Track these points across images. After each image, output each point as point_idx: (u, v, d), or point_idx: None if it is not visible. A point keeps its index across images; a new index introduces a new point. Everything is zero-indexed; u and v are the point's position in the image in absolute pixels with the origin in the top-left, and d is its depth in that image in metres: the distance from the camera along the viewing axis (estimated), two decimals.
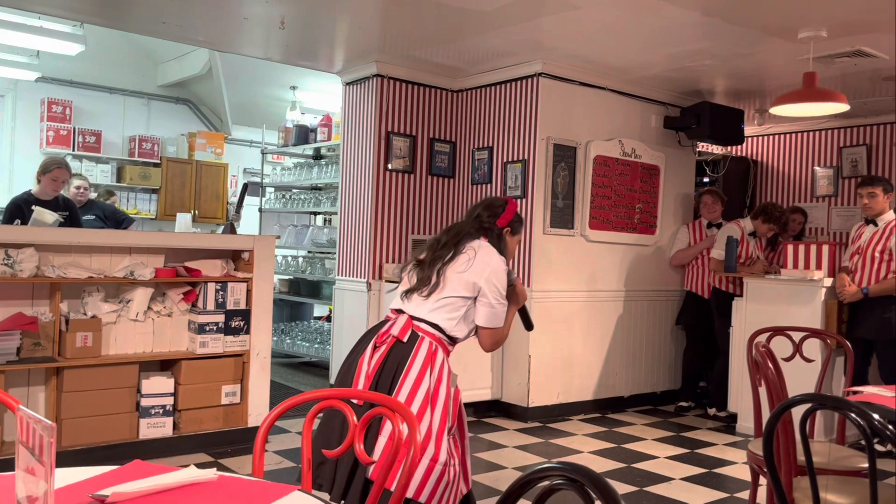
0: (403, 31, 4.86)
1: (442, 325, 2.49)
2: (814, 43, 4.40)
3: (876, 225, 4.74)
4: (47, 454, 0.88)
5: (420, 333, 2.47)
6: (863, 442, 4.29)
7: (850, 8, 4.01)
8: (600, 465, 4.28)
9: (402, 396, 2.37)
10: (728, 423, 5.39)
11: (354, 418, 1.67)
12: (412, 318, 2.50)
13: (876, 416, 1.71)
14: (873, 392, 2.49)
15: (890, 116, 6.47)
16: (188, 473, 1.31)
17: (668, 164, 6.10)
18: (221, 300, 4.22)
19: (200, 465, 4.13)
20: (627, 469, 4.25)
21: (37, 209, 4.30)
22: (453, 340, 2.55)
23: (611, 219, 5.76)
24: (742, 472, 4.23)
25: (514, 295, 2.62)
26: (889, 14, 4.06)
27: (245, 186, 4.50)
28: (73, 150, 7.76)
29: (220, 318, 4.20)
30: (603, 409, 5.71)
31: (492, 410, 5.44)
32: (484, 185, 5.74)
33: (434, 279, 2.51)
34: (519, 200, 5.43)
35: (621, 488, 3.87)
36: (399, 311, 2.56)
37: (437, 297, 2.50)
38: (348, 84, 5.86)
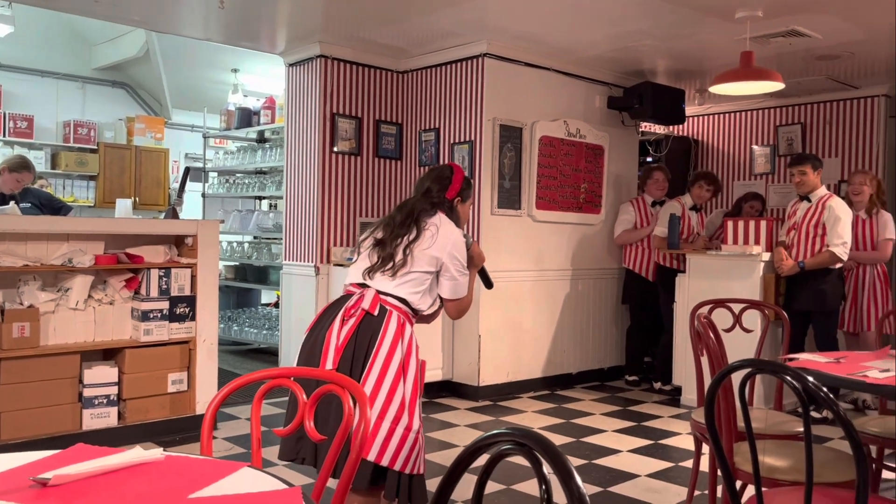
0: (347, 11, 4.80)
1: (408, 299, 2.56)
2: (750, 23, 4.51)
3: (809, 201, 4.90)
4: None
5: (388, 307, 2.52)
6: (800, 409, 4.44)
7: None
8: (551, 440, 4.34)
9: (376, 369, 2.43)
10: (673, 396, 5.54)
11: (304, 396, 1.66)
12: (379, 292, 2.54)
13: (810, 379, 1.78)
14: (808, 359, 2.59)
15: (823, 95, 6.68)
16: (133, 454, 1.29)
17: (612, 143, 6.19)
18: (165, 287, 4.13)
19: None
20: (577, 443, 4.33)
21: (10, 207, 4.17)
22: (416, 312, 2.62)
23: (557, 199, 5.82)
24: (686, 442, 4.36)
25: (472, 258, 2.71)
26: None
27: (187, 170, 4.40)
28: (4, 135, 7.46)
29: (165, 305, 4.12)
30: (552, 386, 5.81)
31: (443, 391, 5.47)
32: (431, 167, 5.73)
33: (400, 257, 2.56)
34: None
35: (571, 461, 3.94)
36: (361, 286, 2.60)
37: (403, 273, 2.55)
38: (292, 65, 5.77)
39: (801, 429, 2.90)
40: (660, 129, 7.28)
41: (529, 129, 5.61)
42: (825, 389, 1.74)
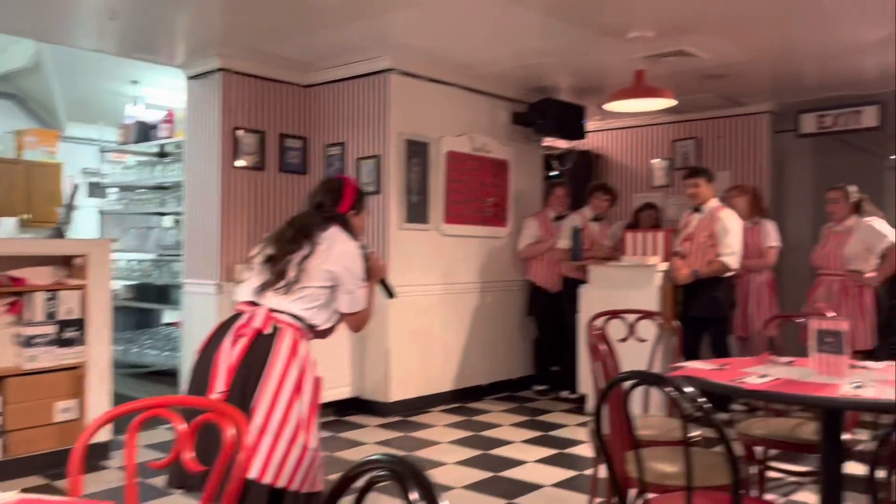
0: (247, 23, 4.71)
1: (302, 315, 2.51)
2: (642, 43, 4.70)
3: (702, 212, 5.13)
4: None
5: (281, 325, 2.47)
6: (697, 413, 4.61)
7: (673, 11, 4.30)
8: (457, 455, 4.37)
9: (269, 389, 2.39)
10: (579, 405, 5.66)
11: (182, 426, 1.60)
12: (271, 310, 2.49)
13: (688, 391, 1.86)
14: (694, 366, 2.69)
15: (714, 112, 7.02)
16: None
17: (517, 158, 6.31)
18: (52, 310, 3.92)
19: (34, 489, 3.83)
20: (484, 456, 4.36)
21: None
22: (312, 328, 2.57)
23: (464, 213, 5.87)
24: (590, 450, 4.45)
25: (371, 269, 2.70)
26: (708, 17, 4.40)
27: (75, 187, 4.19)
28: None
29: (51, 330, 3.91)
30: (462, 399, 5.83)
31: (351, 408, 5.41)
32: None
33: (293, 273, 2.51)
34: (374, 196, 5.43)
35: (477, 475, 3.97)
36: (252, 304, 2.54)
37: (296, 289, 2.50)
38: (191, 78, 5.61)
39: (692, 434, 3.02)
40: (563, 144, 7.46)
41: (436, 144, 5.64)
42: (701, 400, 1.81)
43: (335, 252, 2.55)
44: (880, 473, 3.13)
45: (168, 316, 7.46)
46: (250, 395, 2.39)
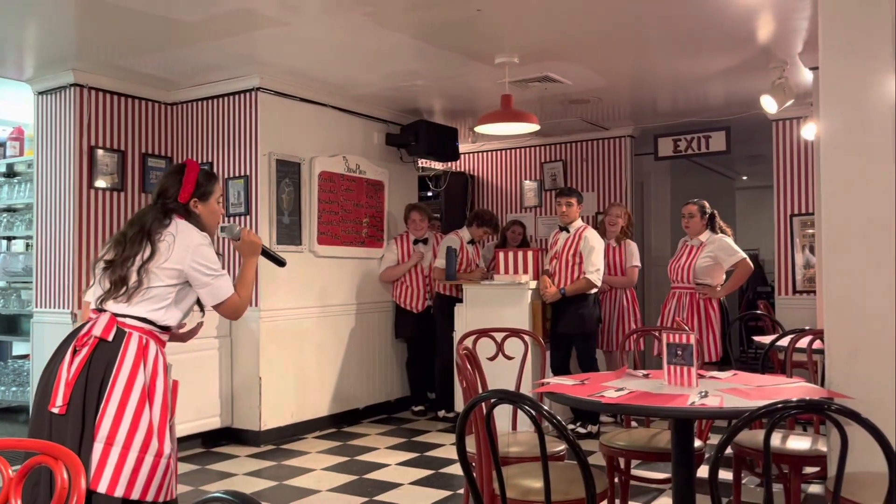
0: (103, 38, 4.48)
1: (150, 318, 2.40)
2: (508, 68, 4.84)
3: (569, 231, 5.33)
4: None
5: (126, 329, 2.36)
6: (570, 426, 4.72)
7: (536, 37, 4.47)
8: (333, 480, 4.28)
9: (115, 397, 2.27)
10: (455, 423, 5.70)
11: (10, 472, 1.47)
12: (115, 315, 2.36)
13: (545, 409, 1.91)
14: (558, 382, 2.77)
15: (580, 135, 7.34)
16: None
17: (392, 179, 6.32)
18: None
19: None
20: (359, 481, 4.30)
21: None
22: (166, 329, 2.45)
23: (339, 234, 5.82)
24: None
25: (246, 247, 2.61)
26: (569, 44, 4.61)
27: None
28: None
29: None
30: (339, 423, 5.74)
31: (222, 439, 5.19)
32: None
33: (134, 279, 2.38)
34: (243, 217, 5.27)
35: (352, 500, 3.91)
36: (99, 311, 2.40)
37: (141, 292, 2.38)
38: (41, 94, 5.27)
39: (557, 449, 3.10)
40: (438, 165, 7.57)
41: (308, 165, 5.57)
42: (557, 419, 1.86)
43: (177, 248, 2.41)
44: (728, 475, 3.34)
45: (17, 348, 6.90)
46: (93, 406, 2.26)
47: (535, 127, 5.00)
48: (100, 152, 5.16)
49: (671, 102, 6.27)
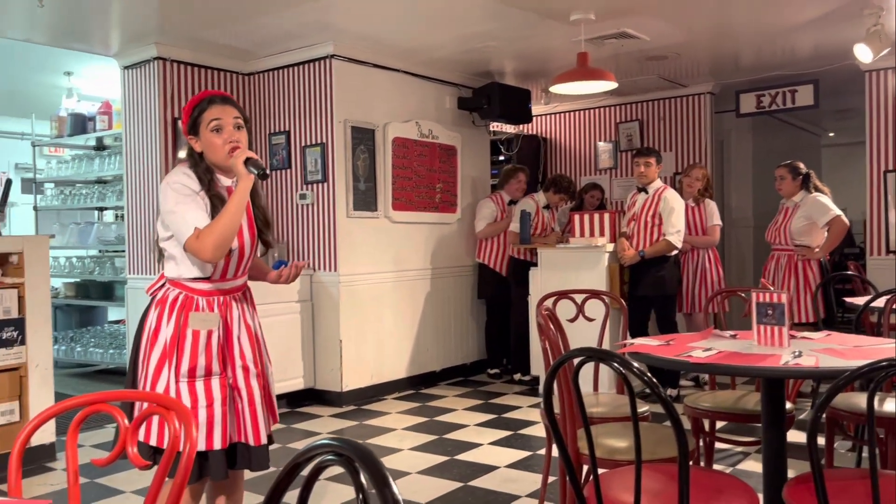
0: (184, 10, 4.58)
1: (172, 276, 2.32)
2: (584, 25, 4.73)
3: (647, 192, 5.21)
4: None
5: (165, 285, 2.33)
6: (647, 390, 4.67)
7: None
8: (413, 440, 4.37)
9: (142, 350, 2.29)
10: (532, 386, 5.72)
11: (126, 421, 1.56)
12: (165, 276, 2.37)
13: (635, 365, 1.89)
14: (642, 343, 2.74)
15: (657, 93, 7.12)
16: None
17: (464, 143, 6.31)
18: None
19: None
20: (439, 440, 4.37)
21: None
22: (196, 280, 2.30)
23: (413, 199, 5.85)
24: (544, 430, 4.51)
25: (236, 168, 2.25)
26: None
27: (8, 182, 4.03)
28: None
29: None
30: (416, 386, 5.84)
31: (306, 399, 5.36)
32: (283, 171, 5.60)
33: (155, 236, 2.39)
34: (320, 185, 5.37)
35: (433, 459, 3.98)
36: None
37: (161, 248, 2.35)
38: (127, 68, 5.45)
39: (641, 409, 3.08)
40: (510, 129, 7.50)
41: (382, 131, 5.60)
42: (648, 375, 1.84)
43: (160, 195, 2.31)
44: (820, 440, 3.25)
45: (113, 313, 7.27)
46: (134, 358, 2.33)
47: (612, 85, 4.88)
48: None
49: (755, 56, 6.01)
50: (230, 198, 2.23)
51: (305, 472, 1.12)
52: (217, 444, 2.26)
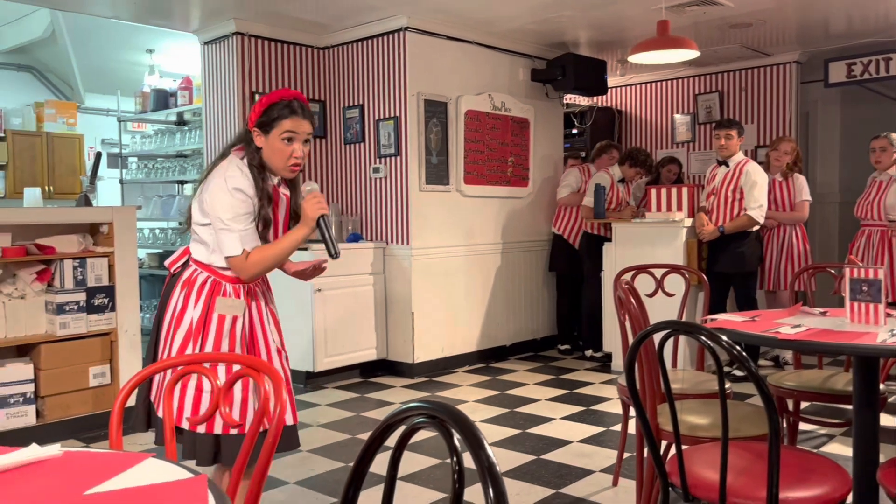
0: None
1: (198, 258, 2.31)
2: None
3: (728, 166, 5.04)
4: None
5: (191, 265, 2.32)
6: (725, 369, 4.58)
7: None
8: (485, 413, 4.39)
9: (163, 328, 2.29)
10: (604, 363, 5.66)
11: (218, 382, 1.61)
12: (190, 250, 2.36)
13: (724, 338, 1.83)
14: (725, 318, 2.66)
15: (738, 63, 6.86)
16: (28, 452, 1.22)
17: (537, 116, 6.22)
18: (81, 277, 3.96)
19: None
20: (511, 413, 4.38)
21: None
22: (223, 269, 2.28)
23: (485, 173, 5.83)
24: (617, 406, 4.46)
25: (306, 209, 2.23)
26: None
27: (98, 155, 4.20)
28: None
29: (81, 297, 3.95)
30: (486, 359, 5.85)
31: (378, 370, 5.45)
32: (357, 145, 5.65)
33: (188, 212, 2.34)
34: (393, 158, 5.39)
35: (505, 432, 3.99)
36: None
37: (192, 231, 2.33)
38: (207, 44, 5.57)
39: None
40: (584, 101, 7.36)
41: (454, 104, 5.58)
42: (738, 348, 1.78)
43: (208, 183, 2.25)
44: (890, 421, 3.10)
45: None
46: (156, 332, 2.33)
47: (694, 54, 4.72)
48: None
49: (846, 21, 5.70)
50: (288, 235, 2.27)
51: (397, 433, 1.13)
52: (234, 429, 2.17)
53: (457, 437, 1.05)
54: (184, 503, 1.01)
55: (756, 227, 4.98)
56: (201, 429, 2.14)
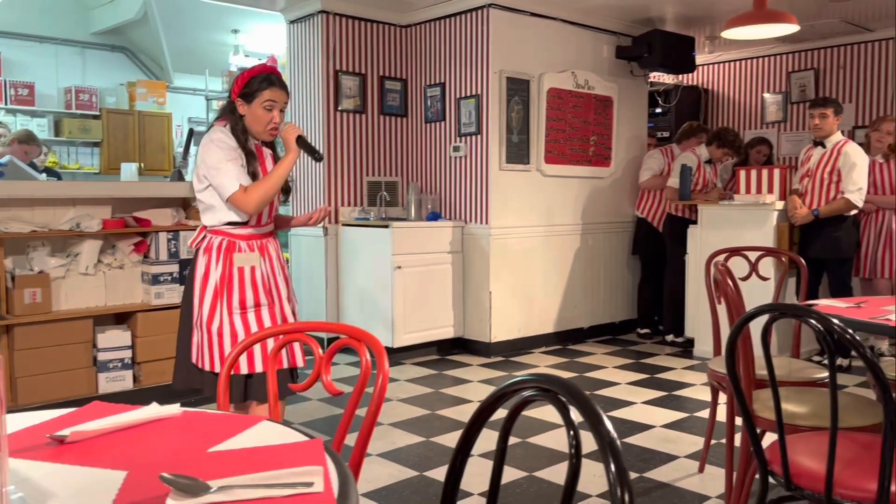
0: None
1: (209, 223, 2.60)
2: None
3: (824, 147, 4.81)
4: None
5: (206, 234, 2.62)
6: (814, 358, 4.43)
7: None
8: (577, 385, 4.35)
9: (196, 293, 2.58)
10: (685, 348, 5.53)
11: (320, 351, 1.64)
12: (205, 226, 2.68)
13: (836, 322, 1.75)
14: (828, 304, 2.55)
15: (837, 39, 6.52)
16: (150, 410, 1.27)
17: (621, 95, 6.08)
18: (174, 249, 4.11)
19: None
20: (590, 395, 4.32)
21: None
22: (240, 224, 2.58)
23: (566, 152, 5.74)
24: (700, 392, 4.36)
25: (286, 139, 2.56)
26: None
27: (191, 132, 4.34)
28: (6, 103, 7.38)
29: (175, 268, 4.10)
30: (563, 341, 5.80)
31: (455, 348, 5.47)
32: (438, 123, 5.65)
33: (192, 190, 2.69)
34: (474, 137, 5.37)
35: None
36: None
37: (198, 199, 2.62)
38: (292, 22, 5.66)
39: (820, 375, 2.88)
40: (669, 79, 7.15)
41: (537, 82, 5.50)
42: (851, 331, 1.70)
43: (200, 152, 2.57)
44: None
45: None
46: (189, 301, 2.62)
47: (793, 28, 4.51)
48: (343, 76, 5.47)
49: None
50: (278, 164, 2.57)
51: (508, 404, 1.13)
52: (259, 368, 2.54)
53: (573, 412, 1.04)
54: (303, 463, 1.02)
55: (854, 212, 4.75)
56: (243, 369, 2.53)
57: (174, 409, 1.27)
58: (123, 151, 8.17)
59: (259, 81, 2.52)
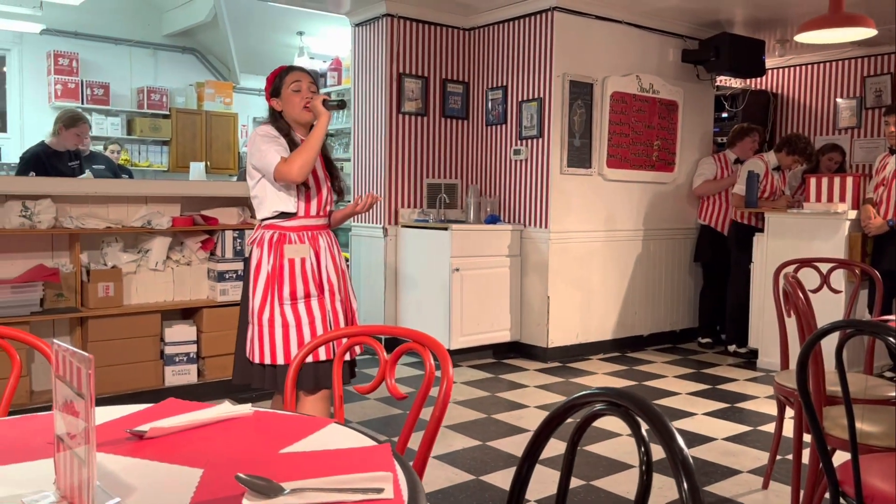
0: None
1: (262, 217, 2.72)
2: None
3: None
4: (86, 386, 0.86)
5: (258, 231, 2.73)
6: (887, 374, 4.25)
7: None
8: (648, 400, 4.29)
9: (250, 287, 2.69)
10: (748, 359, 5.39)
11: (385, 354, 1.66)
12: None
13: None
14: None
15: None
16: (224, 409, 1.30)
17: (686, 99, 5.97)
18: (239, 248, 4.21)
19: None
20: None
21: None
22: (286, 216, 2.68)
23: (629, 157, 5.66)
24: (764, 406, 4.24)
25: (315, 109, 2.65)
26: None
27: None
28: (82, 103, 7.69)
29: (239, 266, 4.20)
30: (622, 348, 5.72)
31: (511, 352, 5.46)
32: (498, 126, 5.64)
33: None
34: (535, 140, 5.35)
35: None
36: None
37: (251, 196, 2.74)
38: (357, 25, 5.73)
39: (892, 394, 2.77)
40: (736, 84, 6.98)
41: (600, 85, 5.44)
42: None
43: (248, 147, 2.77)
44: None
45: None
46: (245, 298, 2.73)
47: (870, 32, 4.33)
48: (406, 79, 5.52)
49: None
50: (312, 130, 2.62)
51: (578, 416, 1.12)
52: (322, 356, 2.60)
53: (644, 428, 1.02)
54: (372, 467, 1.04)
55: None
56: (279, 360, 2.66)
57: (246, 408, 1.30)
58: (191, 150, 8.42)
59: (280, 74, 2.73)
